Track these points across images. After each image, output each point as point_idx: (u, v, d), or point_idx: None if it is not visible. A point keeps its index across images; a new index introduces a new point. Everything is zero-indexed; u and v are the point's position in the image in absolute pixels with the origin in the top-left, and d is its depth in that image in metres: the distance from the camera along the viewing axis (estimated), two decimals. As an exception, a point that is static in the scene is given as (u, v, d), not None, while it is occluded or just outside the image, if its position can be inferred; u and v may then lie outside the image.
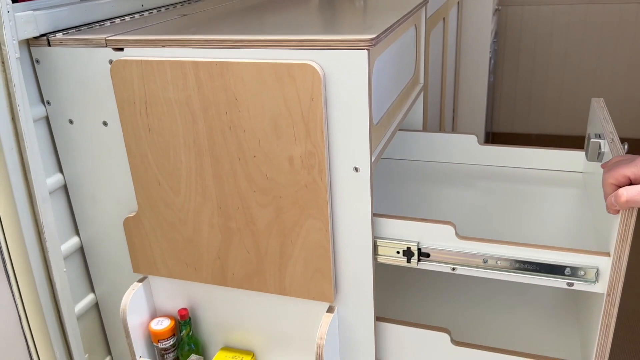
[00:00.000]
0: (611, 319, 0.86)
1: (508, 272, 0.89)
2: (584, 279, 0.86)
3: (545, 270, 0.87)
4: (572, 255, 0.86)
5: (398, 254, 0.94)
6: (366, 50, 0.78)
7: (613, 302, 0.85)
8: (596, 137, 0.95)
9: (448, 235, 0.91)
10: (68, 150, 1.04)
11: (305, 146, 0.86)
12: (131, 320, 1.06)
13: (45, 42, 0.95)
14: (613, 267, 0.83)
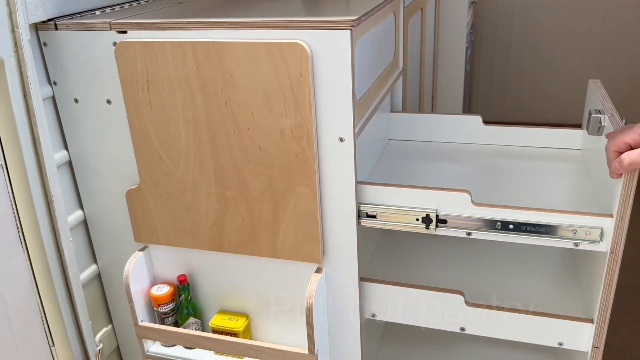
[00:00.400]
0: (614, 276, 0.95)
1: (519, 235, 0.97)
2: (589, 239, 0.94)
3: (553, 232, 0.96)
4: (578, 218, 0.94)
5: (417, 221, 1.02)
6: (349, 30, 0.88)
7: (615, 259, 0.94)
8: (596, 113, 1.04)
9: (464, 203, 0.98)
10: (73, 127, 1.12)
11: (295, 119, 0.95)
12: (133, 287, 1.14)
13: (53, 26, 1.03)
14: (616, 227, 0.92)
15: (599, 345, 1.01)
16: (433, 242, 1.37)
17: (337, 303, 1.11)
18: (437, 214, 1.00)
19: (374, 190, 1.03)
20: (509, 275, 1.25)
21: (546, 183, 1.19)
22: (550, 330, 1.04)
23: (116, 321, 1.33)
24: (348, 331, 1.13)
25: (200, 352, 1.20)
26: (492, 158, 1.32)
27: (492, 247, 1.35)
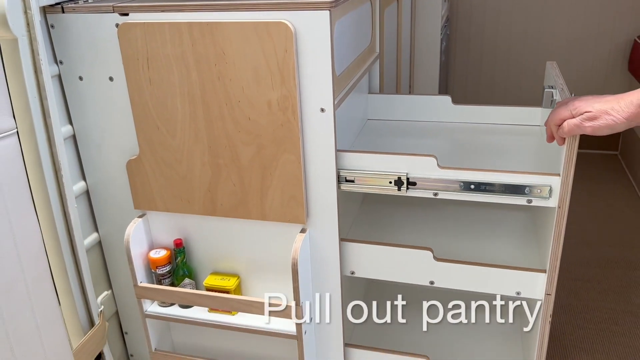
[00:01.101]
0: (562, 228, 1.08)
1: (480, 194, 1.10)
2: (540, 196, 1.07)
3: (509, 190, 1.08)
4: (531, 177, 1.07)
5: (390, 184, 1.14)
6: (328, 10, 0.99)
7: (563, 213, 1.08)
8: (549, 88, 1.17)
9: (431, 166, 1.11)
10: (78, 103, 1.22)
11: (280, 91, 1.06)
12: (133, 251, 1.25)
13: (60, 9, 1.13)
14: (562, 184, 1.05)
15: (550, 292, 1.14)
16: (409, 209, 1.49)
17: (320, 261, 1.23)
18: (408, 177, 1.13)
19: (352, 157, 1.15)
20: (477, 236, 1.38)
21: (507, 154, 1.32)
22: (509, 281, 1.17)
23: (115, 286, 1.43)
24: (330, 286, 1.25)
25: (195, 310, 1.31)
26: (460, 133, 1.45)
27: (464, 213, 1.47)
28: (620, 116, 0.91)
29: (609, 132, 0.94)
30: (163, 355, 1.36)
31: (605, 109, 0.93)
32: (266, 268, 1.27)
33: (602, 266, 1.94)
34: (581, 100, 0.96)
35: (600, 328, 1.65)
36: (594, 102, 0.95)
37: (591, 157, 2.86)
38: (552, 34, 2.76)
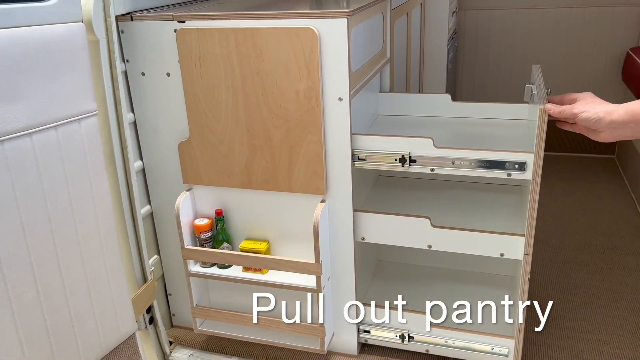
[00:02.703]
0: (536, 196, 1.32)
1: (468, 169, 1.34)
2: (517, 170, 1.32)
3: (492, 166, 1.33)
4: (509, 154, 1.32)
5: (395, 161, 1.39)
6: (346, 18, 1.25)
7: (536, 183, 1.31)
8: (530, 84, 1.42)
9: (428, 146, 1.35)
10: (139, 95, 1.49)
11: (306, 83, 1.31)
12: (181, 219, 1.50)
13: (129, 18, 1.41)
14: (535, 159, 1.29)
15: (529, 253, 1.37)
16: (415, 191, 1.73)
17: (336, 228, 1.47)
18: (410, 155, 1.37)
19: (364, 139, 1.39)
20: (472, 213, 1.61)
21: (496, 140, 1.55)
22: (494, 244, 1.40)
23: (163, 253, 1.69)
24: (345, 250, 1.49)
25: (231, 270, 1.55)
26: (458, 125, 1.69)
27: (463, 195, 1.71)
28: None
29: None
30: (203, 309, 1.60)
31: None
32: (291, 234, 1.51)
33: (590, 252, 2.15)
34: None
35: (584, 302, 1.86)
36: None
37: (589, 160, 3.07)
38: (552, 45, 2.99)
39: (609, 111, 1.08)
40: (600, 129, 1.11)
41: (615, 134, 1.09)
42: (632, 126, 1.05)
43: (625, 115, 1.05)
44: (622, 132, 1.07)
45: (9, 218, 1.08)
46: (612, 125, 1.08)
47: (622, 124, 1.06)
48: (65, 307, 1.24)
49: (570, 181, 2.81)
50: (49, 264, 1.19)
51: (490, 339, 1.51)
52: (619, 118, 1.06)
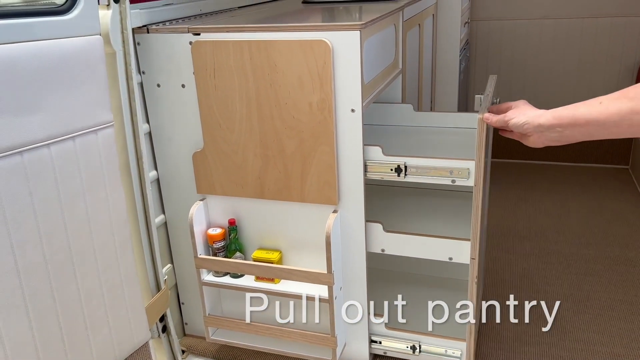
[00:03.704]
0: (479, 202, 1.36)
1: (420, 176, 1.40)
2: (461, 177, 1.36)
3: (439, 173, 1.38)
4: (453, 162, 1.37)
5: (391, 171, 1.41)
6: (359, 31, 1.26)
7: (478, 190, 1.35)
8: (479, 94, 1.45)
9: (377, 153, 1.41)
10: (155, 106, 1.51)
11: (319, 95, 1.33)
12: (195, 228, 1.51)
13: (145, 30, 1.43)
14: (477, 167, 1.33)
15: (475, 257, 1.40)
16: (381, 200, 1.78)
17: (348, 238, 1.48)
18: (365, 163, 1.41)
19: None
20: (431, 218, 1.65)
21: (448, 147, 1.59)
22: (443, 249, 1.44)
23: (176, 262, 1.70)
24: (357, 260, 1.49)
25: (243, 279, 1.56)
26: (422, 134, 1.72)
27: (423, 202, 1.76)
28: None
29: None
30: (215, 318, 1.61)
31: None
32: (304, 244, 1.52)
33: (604, 263, 2.13)
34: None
35: (598, 314, 1.84)
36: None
37: (603, 170, 3.05)
38: (564, 56, 2.99)
39: (537, 115, 1.14)
40: (529, 132, 1.16)
41: (542, 138, 1.14)
42: (559, 130, 1.09)
43: (552, 119, 1.10)
44: (549, 135, 1.12)
45: (27, 227, 1.10)
46: (540, 128, 1.13)
47: (548, 128, 1.11)
48: (80, 315, 1.25)
49: (584, 192, 2.79)
50: (65, 272, 1.20)
51: (443, 341, 1.56)
52: (546, 122, 1.11)
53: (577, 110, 1.05)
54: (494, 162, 3.27)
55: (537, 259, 2.19)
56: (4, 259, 1.06)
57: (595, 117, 1.01)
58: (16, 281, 1.09)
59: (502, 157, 3.27)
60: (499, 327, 1.80)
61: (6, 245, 1.06)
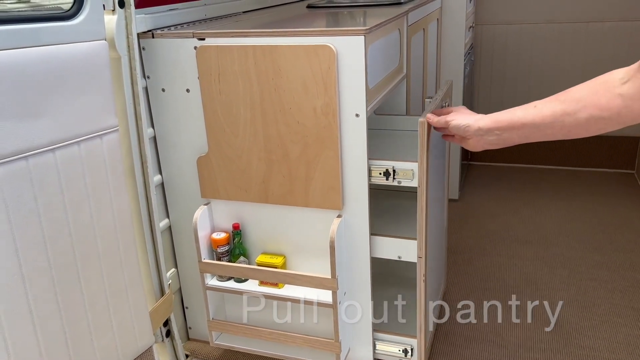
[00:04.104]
0: (423, 202, 1.38)
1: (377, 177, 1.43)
2: (405, 178, 1.39)
3: (385, 174, 1.40)
4: (398, 163, 1.40)
5: (380, 175, 1.41)
6: (363, 36, 1.26)
7: (422, 191, 1.37)
8: (429, 98, 1.47)
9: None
10: (159, 110, 1.51)
11: (324, 99, 1.33)
12: (199, 232, 1.51)
13: (150, 35, 1.44)
14: (420, 168, 1.36)
15: (422, 256, 1.43)
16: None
17: (352, 243, 1.47)
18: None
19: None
20: (383, 217, 1.68)
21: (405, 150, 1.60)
22: (392, 248, 1.48)
23: (180, 266, 1.70)
24: (361, 265, 1.49)
25: (247, 284, 1.56)
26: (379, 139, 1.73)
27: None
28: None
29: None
30: (219, 323, 1.61)
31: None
32: (308, 248, 1.52)
33: (610, 269, 2.12)
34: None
35: (604, 320, 1.83)
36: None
37: (609, 175, 3.03)
38: (570, 60, 2.98)
39: (478, 119, 1.20)
40: (469, 135, 1.22)
41: (482, 141, 1.21)
42: (497, 133, 1.16)
43: (491, 123, 1.17)
44: (488, 138, 1.19)
45: (32, 232, 1.11)
46: (479, 132, 1.19)
47: (487, 131, 1.18)
48: (84, 320, 1.26)
49: (589, 197, 2.78)
50: (69, 277, 1.20)
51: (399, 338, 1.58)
52: (485, 125, 1.18)
53: (514, 114, 1.12)
54: (500, 166, 3.26)
55: (541, 264, 2.18)
56: (9, 263, 1.06)
57: (531, 120, 1.09)
58: (21, 285, 1.09)
59: (506, 161, 3.26)
60: (503, 332, 1.79)
61: (11, 250, 1.07)
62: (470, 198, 2.85)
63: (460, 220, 2.60)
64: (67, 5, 1.20)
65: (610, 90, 0.98)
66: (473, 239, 2.42)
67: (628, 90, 0.95)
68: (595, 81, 1.02)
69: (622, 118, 0.98)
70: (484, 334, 1.79)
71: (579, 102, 1.02)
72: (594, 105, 1.00)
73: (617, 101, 0.97)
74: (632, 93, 0.95)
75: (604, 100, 0.99)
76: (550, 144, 3.14)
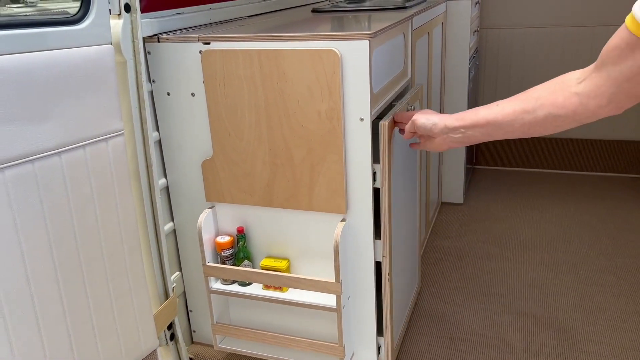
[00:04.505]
0: (385, 203, 1.41)
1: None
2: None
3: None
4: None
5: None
6: (367, 40, 1.27)
7: (385, 191, 1.40)
8: (394, 102, 1.54)
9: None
10: (165, 114, 1.52)
11: (328, 103, 1.33)
12: (203, 236, 1.52)
13: (156, 39, 1.44)
14: (382, 170, 1.38)
15: (386, 255, 1.45)
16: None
17: (357, 247, 1.47)
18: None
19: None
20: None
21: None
22: None
23: (185, 269, 1.71)
24: (365, 269, 1.49)
25: (252, 287, 1.56)
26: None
27: None
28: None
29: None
30: (223, 326, 1.61)
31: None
32: (312, 252, 1.52)
33: (616, 274, 2.11)
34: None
35: (609, 325, 1.82)
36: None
37: (614, 179, 3.02)
38: (575, 65, 2.98)
39: (443, 117, 1.26)
40: (435, 134, 1.27)
41: (448, 140, 1.26)
42: (462, 131, 1.22)
43: (456, 121, 1.22)
44: (453, 136, 1.24)
45: (37, 235, 1.11)
46: (445, 130, 1.25)
47: (453, 129, 1.23)
48: (89, 323, 1.26)
49: (595, 201, 2.77)
50: (74, 280, 1.21)
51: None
52: (451, 123, 1.23)
53: (478, 113, 1.18)
54: (505, 170, 3.26)
55: (546, 269, 2.17)
56: (14, 265, 1.07)
57: (494, 118, 1.15)
58: (26, 287, 1.10)
59: (511, 165, 3.25)
60: (507, 337, 1.78)
61: (17, 252, 1.07)
62: (474, 202, 2.84)
63: (465, 224, 2.60)
64: (73, 9, 1.21)
65: (567, 90, 1.04)
66: (477, 243, 2.41)
67: (584, 89, 1.01)
68: (553, 81, 1.07)
69: (578, 116, 1.04)
70: (488, 338, 1.78)
71: (537, 100, 1.07)
72: (551, 104, 1.05)
73: (573, 99, 1.03)
74: (588, 91, 1.00)
75: (561, 99, 1.04)
76: (556, 148, 3.13)
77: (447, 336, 1.81)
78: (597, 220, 2.56)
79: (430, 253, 2.35)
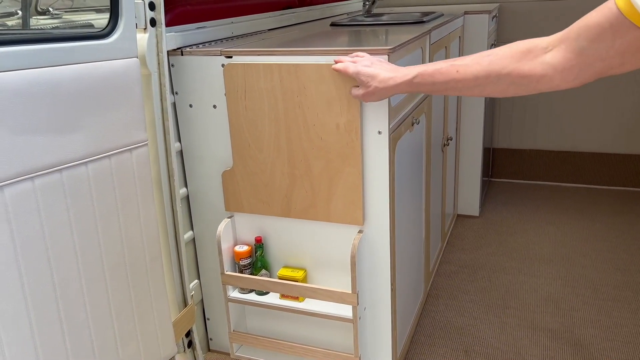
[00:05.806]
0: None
1: None
2: None
3: None
4: None
5: None
6: (387, 55, 1.29)
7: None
8: None
9: None
10: (186, 125, 1.55)
11: (347, 116, 1.35)
12: (222, 244, 1.54)
13: (179, 52, 1.48)
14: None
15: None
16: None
17: (373, 259, 1.49)
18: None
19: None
20: None
21: None
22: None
23: (203, 278, 1.73)
24: (382, 280, 1.50)
25: (269, 297, 1.58)
26: None
27: None
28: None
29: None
30: (240, 335, 1.63)
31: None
32: (329, 263, 1.53)
33: (633, 289, 2.10)
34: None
35: (626, 341, 1.81)
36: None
37: (632, 194, 3.00)
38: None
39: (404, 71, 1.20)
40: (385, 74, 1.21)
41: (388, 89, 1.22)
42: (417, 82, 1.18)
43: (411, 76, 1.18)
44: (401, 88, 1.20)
45: (63, 242, 1.15)
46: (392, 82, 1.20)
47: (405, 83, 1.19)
48: (111, 329, 1.29)
49: (613, 215, 2.76)
50: (98, 286, 1.24)
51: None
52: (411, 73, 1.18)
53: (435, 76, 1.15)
54: (521, 184, 3.25)
55: (563, 283, 2.17)
56: (42, 271, 1.10)
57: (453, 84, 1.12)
58: (52, 293, 1.13)
59: (528, 178, 3.25)
60: (523, 352, 1.78)
61: (44, 259, 1.10)
62: (490, 215, 2.84)
63: (481, 237, 2.60)
64: (97, 21, 1.25)
65: (535, 59, 1.00)
66: (493, 256, 2.41)
67: (551, 59, 0.98)
68: (518, 47, 1.04)
69: (539, 86, 1.01)
70: (504, 352, 1.78)
71: (503, 69, 1.03)
72: (517, 74, 1.02)
73: (538, 69, 0.99)
74: (555, 63, 0.97)
75: (526, 68, 1.01)
76: (574, 161, 3.11)
77: (462, 349, 1.81)
78: (615, 235, 2.54)
79: (446, 265, 2.36)
